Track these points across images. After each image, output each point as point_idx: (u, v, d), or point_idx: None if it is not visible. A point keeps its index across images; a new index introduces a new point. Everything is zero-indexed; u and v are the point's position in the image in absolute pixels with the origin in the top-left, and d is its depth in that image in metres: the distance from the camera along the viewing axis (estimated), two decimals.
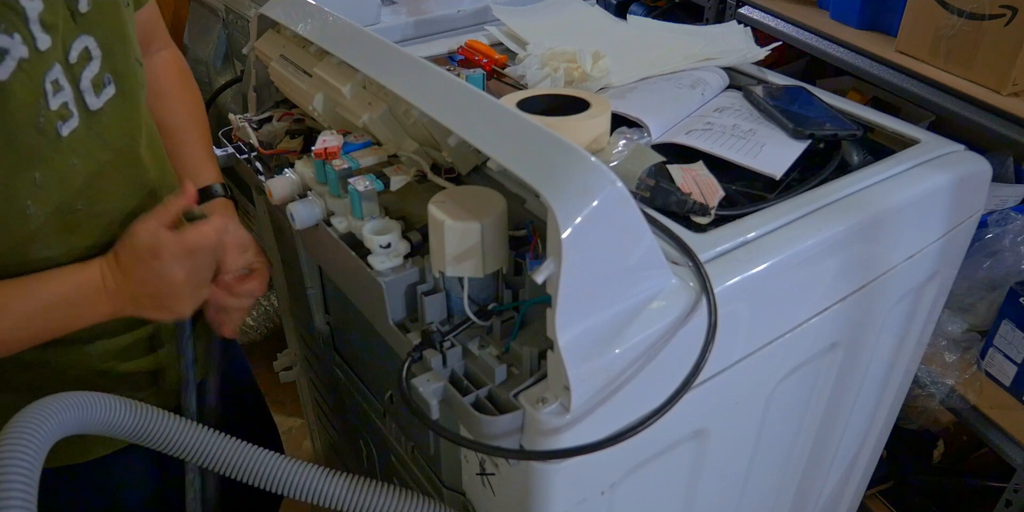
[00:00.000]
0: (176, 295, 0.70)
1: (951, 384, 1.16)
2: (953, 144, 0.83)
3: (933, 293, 0.92)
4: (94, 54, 0.67)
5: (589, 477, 0.63)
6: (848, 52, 1.33)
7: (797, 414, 0.86)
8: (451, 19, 1.34)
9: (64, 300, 0.67)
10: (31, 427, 0.57)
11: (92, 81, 0.67)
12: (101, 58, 0.67)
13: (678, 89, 0.89)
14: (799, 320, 0.73)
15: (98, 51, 0.67)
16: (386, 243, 0.65)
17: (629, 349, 0.57)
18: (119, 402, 0.66)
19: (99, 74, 0.68)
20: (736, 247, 0.66)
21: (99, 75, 0.68)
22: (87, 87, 0.67)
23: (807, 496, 1.03)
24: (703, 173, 0.74)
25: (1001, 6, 1.08)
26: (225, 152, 0.91)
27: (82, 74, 0.66)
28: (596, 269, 0.54)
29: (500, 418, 0.56)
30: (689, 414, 0.67)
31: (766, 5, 1.49)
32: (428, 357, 0.61)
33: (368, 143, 0.76)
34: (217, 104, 1.28)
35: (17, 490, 0.52)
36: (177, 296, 0.70)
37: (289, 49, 0.87)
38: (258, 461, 0.67)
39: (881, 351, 0.91)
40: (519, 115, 0.61)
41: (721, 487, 0.82)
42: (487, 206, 0.60)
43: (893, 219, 0.75)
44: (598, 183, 0.52)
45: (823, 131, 0.81)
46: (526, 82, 0.93)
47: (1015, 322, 1.10)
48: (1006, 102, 1.11)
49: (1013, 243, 1.13)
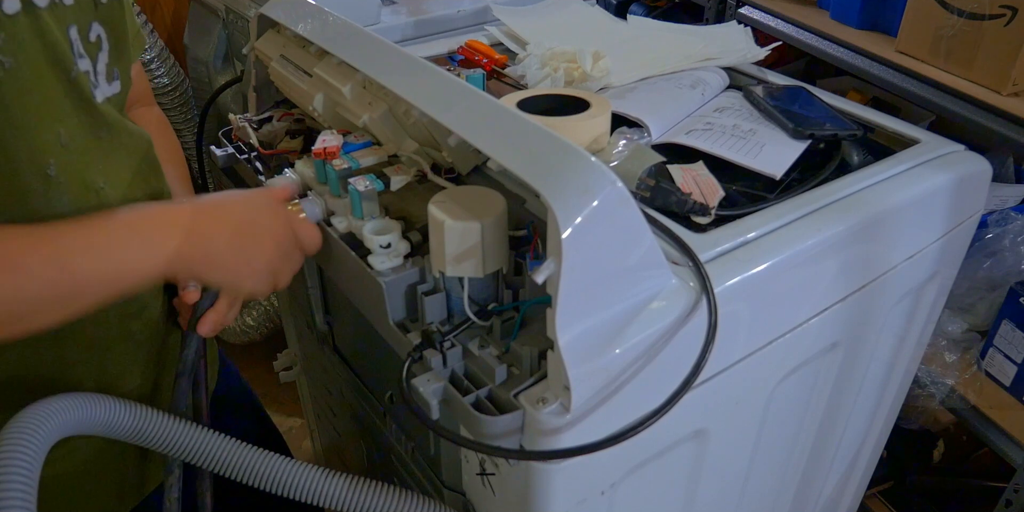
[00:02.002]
0: (257, 270, 0.65)
1: (951, 384, 1.16)
2: (953, 144, 0.83)
3: (933, 293, 0.92)
4: (104, 46, 0.66)
5: (589, 477, 0.63)
6: (848, 52, 1.33)
7: (797, 414, 0.86)
8: (451, 19, 1.34)
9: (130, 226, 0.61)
10: (31, 427, 0.57)
11: (107, 67, 0.66)
12: (109, 51, 0.67)
13: (678, 89, 0.89)
14: (799, 320, 0.73)
15: (107, 43, 0.66)
16: (386, 243, 0.65)
17: (629, 349, 0.57)
18: (119, 403, 0.66)
19: (110, 65, 0.67)
20: (736, 247, 0.66)
21: (111, 66, 0.67)
22: (102, 70, 0.66)
23: (807, 496, 1.03)
24: (703, 173, 0.74)
25: (1001, 6, 1.08)
26: (225, 152, 0.91)
27: (98, 56, 0.65)
28: (596, 269, 0.54)
29: (500, 418, 0.56)
30: (689, 414, 0.67)
31: (766, 5, 1.49)
32: (428, 357, 0.61)
33: (368, 143, 0.76)
34: (217, 104, 1.28)
35: (17, 490, 0.52)
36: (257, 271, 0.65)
37: (289, 49, 0.87)
38: (258, 462, 0.67)
39: (881, 351, 0.91)
40: (519, 115, 0.61)
41: (721, 487, 0.82)
42: (487, 206, 0.60)
43: (893, 219, 0.75)
44: (598, 183, 0.52)
45: (823, 131, 0.81)
46: (526, 82, 0.93)
47: (1015, 322, 1.10)
48: (1006, 102, 1.11)
49: (1013, 243, 1.13)
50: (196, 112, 1.80)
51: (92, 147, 0.65)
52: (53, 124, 0.61)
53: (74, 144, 0.63)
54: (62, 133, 0.61)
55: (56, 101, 0.61)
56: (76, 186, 0.64)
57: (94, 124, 0.65)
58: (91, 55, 0.64)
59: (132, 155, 0.71)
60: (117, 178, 0.68)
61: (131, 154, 0.71)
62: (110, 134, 0.67)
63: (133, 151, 0.71)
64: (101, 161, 0.66)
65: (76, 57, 0.62)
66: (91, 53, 0.64)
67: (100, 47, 0.66)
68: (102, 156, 0.66)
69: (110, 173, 0.67)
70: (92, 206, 0.65)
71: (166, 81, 1.72)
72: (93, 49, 0.65)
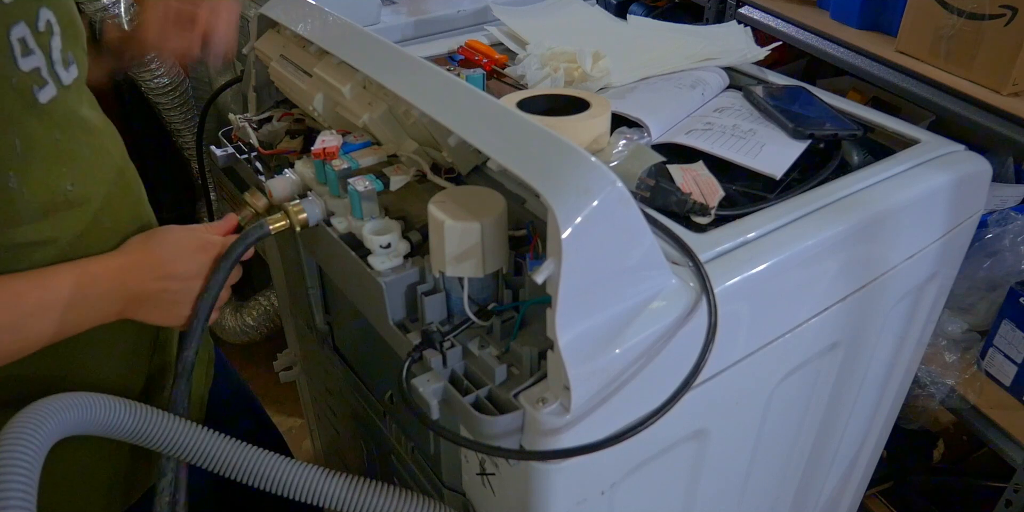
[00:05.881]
0: (190, 299, 0.70)
1: (951, 384, 1.16)
2: (953, 144, 0.83)
3: (933, 293, 0.92)
4: (55, 30, 0.65)
5: (589, 477, 0.63)
6: (848, 52, 1.33)
7: (797, 414, 0.86)
8: (451, 19, 1.34)
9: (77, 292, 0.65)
10: (31, 427, 0.57)
11: (62, 54, 0.65)
12: (61, 35, 0.65)
13: (678, 89, 0.89)
14: (799, 320, 0.73)
15: (58, 28, 0.65)
16: (386, 243, 0.65)
17: (629, 349, 0.57)
18: (119, 403, 0.66)
19: (64, 50, 0.66)
20: (736, 247, 0.66)
21: (64, 51, 0.66)
22: (59, 59, 0.65)
23: (807, 496, 1.03)
24: (703, 173, 0.74)
25: (1001, 6, 1.08)
26: (225, 152, 0.91)
27: (51, 44, 0.64)
28: (596, 269, 0.54)
29: (500, 418, 0.56)
30: (689, 414, 0.67)
31: (766, 5, 1.49)
32: (428, 357, 0.61)
33: (368, 143, 0.76)
34: (217, 104, 1.28)
35: (17, 490, 0.52)
36: (190, 301, 0.70)
37: (289, 49, 0.87)
38: (258, 462, 0.67)
39: (881, 351, 0.91)
40: (519, 115, 0.61)
41: (721, 487, 0.82)
42: (487, 206, 0.60)
43: (893, 219, 0.75)
44: (598, 183, 0.52)
45: (823, 131, 0.81)
46: (526, 82, 0.93)
47: (1015, 322, 1.10)
48: (1006, 102, 1.11)
49: (1013, 243, 1.13)
50: (196, 112, 1.80)
51: (51, 151, 0.65)
52: (7, 136, 0.61)
53: (32, 152, 0.63)
54: (18, 144, 0.61)
55: (4, 111, 0.60)
56: (42, 193, 0.64)
57: (46, 127, 0.64)
58: (43, 46, 0.63)
59: (96, 152, 0.70)
60: (84, 176, 0.68)
61: (95, 151, 0.70)
62: (65, 134, 0.66)
63: (96, 148, 0.71)
64: (63, 163, 0.66)
65: (19, 59, 0.60)
66: (43, 44, 0.63)
67: (52, 32, 0.64)
68: (63, 158, 0.66)
69: (75, 174, 0.67)
70: (63, 207, 0.66)
71: (166, 81, 1.71)
72: (44, 38, 0.63)
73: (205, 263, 0.70)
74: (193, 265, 0.69)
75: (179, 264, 0.69)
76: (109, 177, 0.72)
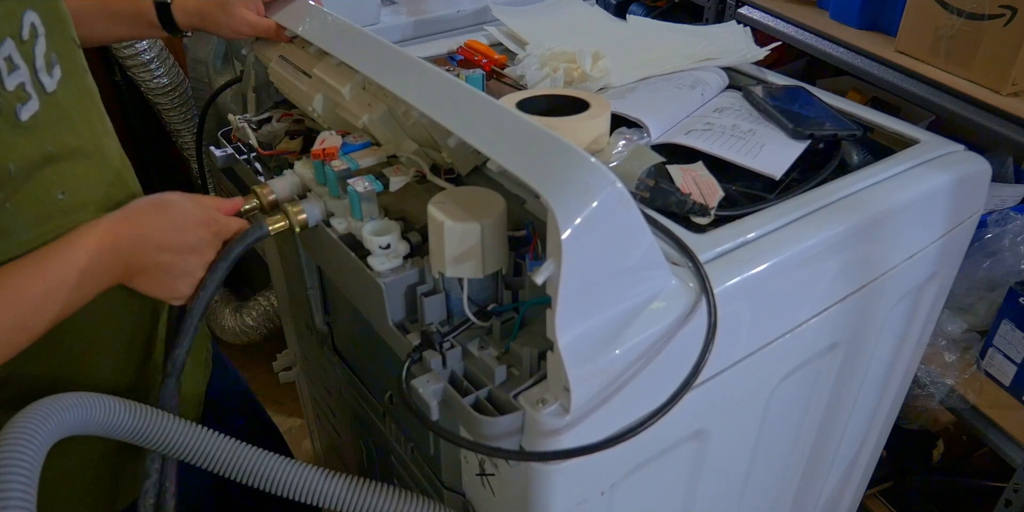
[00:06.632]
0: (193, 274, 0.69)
1: (951, 384, 1.16)
2: (953, 144, 0.83)
3: (933, 293, 0.92)
4: (39, 31, 0.64)
5: (589, 478, 0.63)
6: (848, 52, 1.33)
7: (797, 414, 0.86)
8: (451, 19, 1.34)
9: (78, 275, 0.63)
10: (31, 427, 0.57)
11: (45, 59, 0.64)
12: (45, 35, 0.65)
13: (678, 89, 0.89)
14: (799, 320, 0.73)
15: (42, 28, 0.64)
16: (385, 244, 0.65)
17: (629, 350, 0.57)
18: (119, 403, 0.66)
19: (47, 52, 0.65)
20: (736, 247, 0.66)
21: (48, 53, 0.65)
22: (42, 66, 0.64)
23: (807, 496, 1.03)
24: (703, 173, 0.74)
25: (1001, 6, 1.08)
26: (224, 152, 0.90)
27: (35, 51, 0.63)
28: (596, 270, 0.54)
29: (500, 419, 0.56)
30: (689, 414, 0.67)
31: (766, 5, 1.49)
32: (428, 358, 0.61)
33: (367, 144, 0.76)
34: (217, 104, 1.28)
35: (17, 490, 0.52)
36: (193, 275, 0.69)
37: (289, 50, 0.87)
38: (258, 462, 0.67)
39: (881, 351, 0.91)
40: (519, 116, 0.61)
41: (721, 487, 0.82)
42: (487, 207, 0.60)
43: (893, 219, 0.75)
44: (598, 184, 0.52)
45: (823, 131, 0.81)
46: (526, 82, 0.93)
47: (1015, 322, 1.10)
48: (1006, 102, 1.11)
49: (1013, 243, 1.13)
50: (196, 112, 1.80)
51: (40, 166, 0.64)
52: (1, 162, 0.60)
53: (23, 172, 0.62)
54: (11, 167, 0.61)
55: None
56: (33, 206, 0.64)
57: (34, 143, 0.63)
58: (27, 57, 0.62)
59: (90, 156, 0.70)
60: (76, 183, 0.68)
61: (89, 155, 0.70)
62: (55, 144, 0.66)
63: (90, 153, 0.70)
64: (53, 175, 0.66)
65: (5, 78, 0.60)
66: (26, 53, 0.62)
67: (36, 35, 0.64)
68: (54, 172, 0.66)
69: (66, 182, 0.67)
70: (56, 216, 0.66)
71: (166, 81, 1.72)
72: (28, 47, 0.62)
73: (204, 238, 0.68)
74: (192, 238, 0.67)
75: (179, 235, 0.67)
76: (106, 180, 0.72)
